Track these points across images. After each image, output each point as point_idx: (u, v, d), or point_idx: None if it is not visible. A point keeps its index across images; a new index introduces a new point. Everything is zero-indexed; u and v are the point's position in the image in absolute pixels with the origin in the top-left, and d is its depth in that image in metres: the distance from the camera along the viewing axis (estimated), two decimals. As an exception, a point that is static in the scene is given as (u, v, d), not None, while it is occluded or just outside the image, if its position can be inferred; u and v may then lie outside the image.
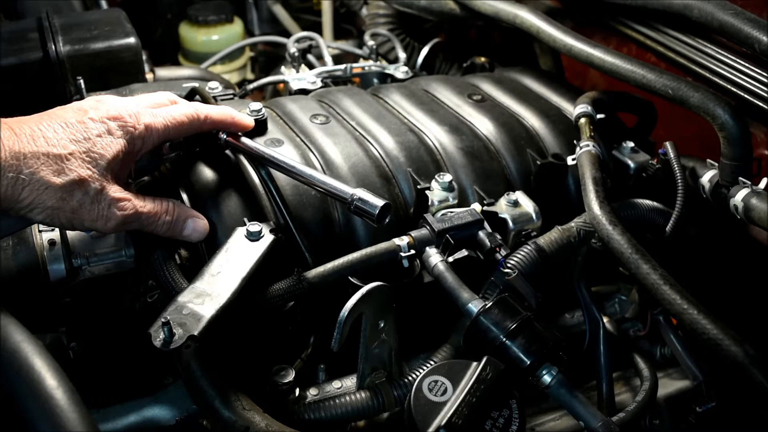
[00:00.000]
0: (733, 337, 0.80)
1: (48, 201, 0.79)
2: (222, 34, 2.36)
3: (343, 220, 0.99)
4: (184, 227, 0.91)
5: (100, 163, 0.82)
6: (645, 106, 1.25)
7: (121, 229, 0.86)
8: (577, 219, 1.01)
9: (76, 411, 0.65)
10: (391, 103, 1.23)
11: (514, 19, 1.35)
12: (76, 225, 0.83)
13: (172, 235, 0.91)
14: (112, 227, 0.85)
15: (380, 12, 1.93)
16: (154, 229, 0.89)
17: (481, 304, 0.84)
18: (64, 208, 0.80)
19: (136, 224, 0.87)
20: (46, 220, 0.81)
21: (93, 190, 0.81)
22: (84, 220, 0.82)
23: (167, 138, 0.92)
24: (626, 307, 1.12)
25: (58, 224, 0.82)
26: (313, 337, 0.96)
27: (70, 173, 0.79)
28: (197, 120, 0.94)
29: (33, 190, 0.77)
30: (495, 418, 0.75)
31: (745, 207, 1.00)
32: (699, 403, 1.01)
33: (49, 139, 0.79)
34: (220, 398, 0.81)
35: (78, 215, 0.81)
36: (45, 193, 0.78)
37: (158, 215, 0.88)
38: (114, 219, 0.83)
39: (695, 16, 1.12)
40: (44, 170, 0.78)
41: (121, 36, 1.36)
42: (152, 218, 0.88)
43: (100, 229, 0.84)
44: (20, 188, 0.77)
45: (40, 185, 0.77)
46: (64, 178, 0.79)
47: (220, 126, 0.97)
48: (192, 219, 0.92)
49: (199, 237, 0.92)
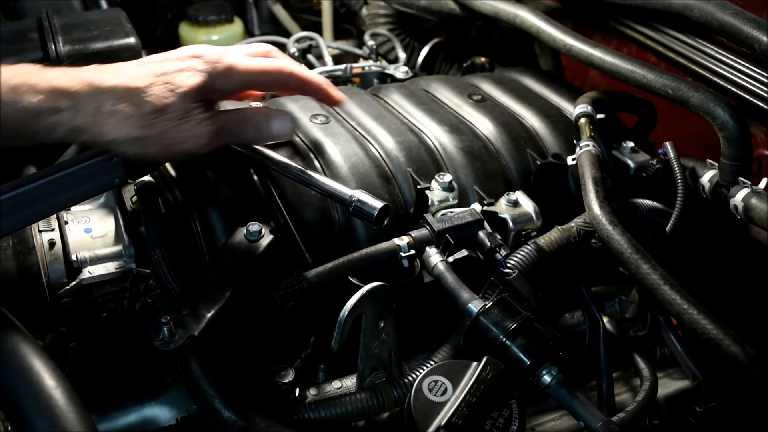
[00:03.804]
0: (733, 337, 0.80)
1: (133, 131, 0.81)
2: (222, 34, 2.36)
3: (343, 220, 0.99)
4: (270, 127, 0.93)
5: (178, 92, 0.84)
6: (645, 106, 1.25)
7: (213, 145, 0.88)
8: (577, 219, 1.01)
9: (74, 411, 0.65)
10: (391, 103, 1.23)
11: (514, 19, 1.35)
12: (170, 151, 0.85)
13: (262, 137, 0.92)
14: (204, 143, 0.86)
15: (380, 12, 1.93)
16: (244, 136, 0.91)
17: (481, 304, 0.84)
18: (151, 137, 0.82)
19: (226, 136, 0.89)
20: (139, 152, 0.83)
21: (175, 114, 0.83)
22: (175, 143, 0.84)
23: (251, 83, 0.93)
24: (626, 307, 1.12)
25: (150, 156, 0.85)
26: (313, 337, 0.95)
27: (150, 103, 0.82)
28: (282, 73, 0.94)
29: (116, 122, 0.80)
30: (495, 418, 0.75)
31: (745, 207, 1.00)
32: (699, 403, 1.01)
33: (130, 74, 0.83)
34: (220, 398, 0.81)
35: (167, 140, 0.83)
36: (128, 124, 0.80)
37: (244, 121, 0.90)
38: (204, 135, 0.86)
39: (695, 16, 1.12)
40: (124, 103, 0.80)
41: (121, 36, 1.35)
42: (240, 126, 0.90)
43: (193, 148, 0.86)
44: (103, 121, 0.79)
45: (122, 116, 0.80)
46: (145, 108, 0.81)
47: (306, 87, 0.97)
48: (276, 117, 0.94)
49: (288, 133, 0.94)
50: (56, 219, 1.00)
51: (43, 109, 0.77)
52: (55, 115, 0.78)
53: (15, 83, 0.76)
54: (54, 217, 0.99)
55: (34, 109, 0.77)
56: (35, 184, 0.80)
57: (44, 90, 0.78)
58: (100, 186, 0.88)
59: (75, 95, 0.79)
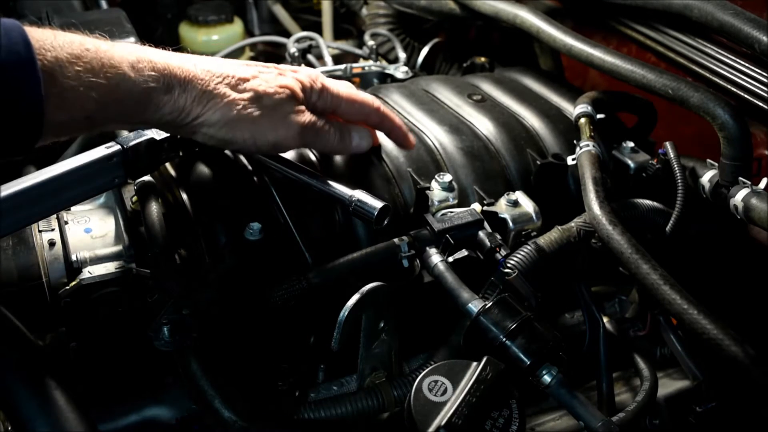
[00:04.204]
0: (733, 337, 0.80)
1: (227, 114, 0.84)
2: (222, 34, 2.36)
3: (343, 219, 0.99)
4: (353, 140, 0.96)
5: (277, 87, 0.88)
6: (645, 106, 1.25)
7: (299, 140, 0.91)
8: (577, 219, 1.01)
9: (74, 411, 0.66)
10: (391, 103, 1.23)
11: (514, 19, 1.35)
12: (259, 138, 0.87)
13: (345, 148, 0.96)
14: (292, 135, 0.89)
15: (380, 12, 1.93)
16: (326, 141, 0.93)
17: (481, 304, 0.84)
18: (243, 121, 0.85)
19: (311, 135, 0.91)
20: (226, 137, 0.86)
21: (270, 102, 0.87)
22: (267, 130, 0.87)
23: (337, 107, 0.96)
24: (626, 307, 1.12)
25: (240, 138, 0.87)
26: (313, 337, 0.95)
27: (251, 90, 0.86)
28: (368, 106, 0.98)
29: (214, 104, 0.83)
30: (495, 418, 0.75)
31: (745, 207, 1.00)
32: (699, 403, 1.01)
33: (235, 66, 0.88)
34: (220, 398, 0.81)
35: (260, 125, 0.86)
36: (225, 106, 0.84)
37: (330, 127, 0.93)
38: (293, 127, 0.88)
39: (695, 16, 1.12)
40: (227, 88, 0.85)
41: (121, 36, 1.35)
42: (325, 131, 0.92)
43: (281, 137, 0.89)
44: (203, 102, 0.83)
45: (220, 99, 0.84)
46: (244, 94, 0.85)
47: (385, 124, 1.00)
48: (357, 130, 0.96)
49: (367, 146, 0.97)
50: (56, 219, 1.00)
51: (159, 88, 0.79)
52: (166, 95, 0.80)
53: (134, 59, 0.77)
54: (54, 217, 0.99)
55: (152, 86, 0.78)
56: (35, 183, 0.80)
57: (162, 69, 0.79)
58: (100, 186, 0.88)
59: (187, 76, 0.81)
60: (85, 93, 0.72)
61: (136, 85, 0.77)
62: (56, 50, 0.70)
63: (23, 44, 0.67)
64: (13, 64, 0.66)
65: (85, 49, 0.73)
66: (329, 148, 0.95)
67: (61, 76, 0.70)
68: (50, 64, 0.69)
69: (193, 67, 0.83)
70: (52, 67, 0.69)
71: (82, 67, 0.72)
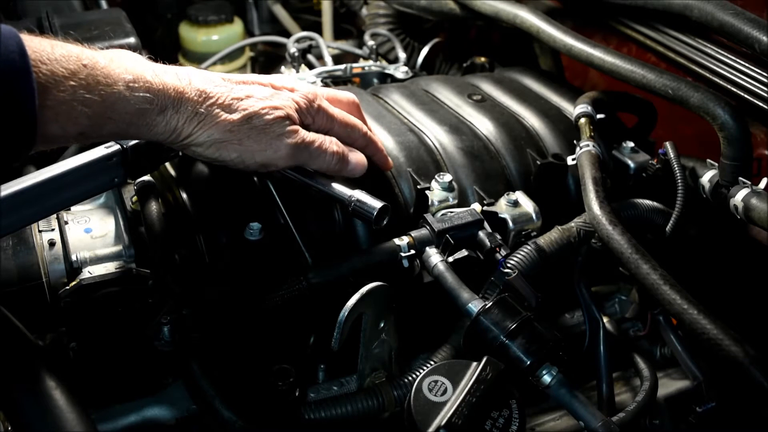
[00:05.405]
0: (733, 337, 0.80)
1: (215, 134, 0.83)
2: (222, 34, 2.35)
3: (343, 219, 0.99)
4: (348, 164, 0.94)
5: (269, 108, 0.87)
6: (645, 106, 1.25)
7: (290, 160, 0.89)
8: (577, 219, 1.01)
9: (74, 411, 0.65)
10: (391, 103, 1.23)
11: (514, 19, 1.35)
12: (247, 158, 0.87)
13: (339, 171, 0.94)
14: (282, 156, 0.88)
15: (380, 12, 1.93)
16: (321, 162, 0.92)
17: (481, 304, 0.84)
18: (232, 140, 0.84)
19: (305, 155, 0.90)
20: (214, 156, 0.85)
21: (261, 122, 0.86)
22: (254, 151, 0.86)
23: (329, 128, 0.95)
24: (626, 307, 1.12)
25: (228, 158, 0.86)
26: (313, 337, 0.96)
27: (240, 110, 0.85)
28: (357, 129, 0.97)
29: (203, 125, 0.82)
30: (495, 418, 0.75)
31: (745, 207, 1.00)
32: (699, 403, 1.01)
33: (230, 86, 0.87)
34: (220, 398, 0.81)
35: (248, 146, 0.85)
36: (214, 127, 0.83)
37: (324, 147, 0.91)
38: (283, 148, 0.87)
39: (695, 16, 1.12)
40: (218, 109, 0.83)
41: (121, 36, 1.35)
42: (320, 150, 0.91)
43: (271, 158, 0.88)
44: (193, 123, 0.82)
45: (211, 120, 0.83)
46: (234, 115, 0.84)
47: (369, 147, 0.99)
48: (353, 153, 0.95)
49: (361, 172, 0.95)
50: (56, 219, 1.00)
51: (153, 109, 0.79)
52: (159, 116, 0.79)
53: (130, 77, 0.76)
54: (54, 217, 0.99)
55: (146, 108, 0.78)
56: (35, 183, 0.80)
57: (156, 90, 0.79)
58: (100, 186, 0.88)
59: (181, 97, 0.81)
60: (79, 109, 0.72)
61: (130, 105, 0.76)
62: (52, 63, 0.70)
63: (19, 53, 0.66)
64: (7, 73, 0.65)
65: (82, 64, 0.72)
66: (324, 170, 0.93)
67: (56, 90, 0.70)
68: (45, 77, 0.69)
69: (187, 86, 0.82)
70: (47, 80, 0.69)
71: (77, 83, 0.71)
